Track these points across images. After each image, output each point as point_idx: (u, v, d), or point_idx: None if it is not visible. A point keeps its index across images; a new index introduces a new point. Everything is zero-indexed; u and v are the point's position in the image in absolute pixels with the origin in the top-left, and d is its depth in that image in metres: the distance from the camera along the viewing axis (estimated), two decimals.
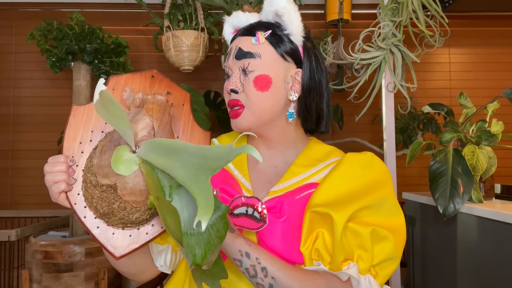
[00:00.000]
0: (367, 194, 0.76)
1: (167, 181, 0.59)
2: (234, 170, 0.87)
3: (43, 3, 2.73)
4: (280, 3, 0.82)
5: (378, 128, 2.64)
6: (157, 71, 0.76)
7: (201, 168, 0.52)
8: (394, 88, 1.78)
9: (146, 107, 0.68)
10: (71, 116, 0.71)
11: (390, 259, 0.75)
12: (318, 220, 0.76)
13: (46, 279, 1.94)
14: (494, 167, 1.51)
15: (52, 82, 2.77)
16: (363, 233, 0.73)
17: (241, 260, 0.70)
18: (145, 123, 0.66)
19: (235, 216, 0.78)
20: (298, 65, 0.84)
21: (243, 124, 0.81)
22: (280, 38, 0.83)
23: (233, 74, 0.83)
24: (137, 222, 0.67)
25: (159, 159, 0.59)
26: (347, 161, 0.80)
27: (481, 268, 1.40)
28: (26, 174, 2.70)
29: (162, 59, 2.48)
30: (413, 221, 1.92)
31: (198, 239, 0.56)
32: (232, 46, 0.85)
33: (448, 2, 2.46)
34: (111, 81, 0.74)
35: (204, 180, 0.52)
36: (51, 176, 0.67)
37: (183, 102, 0.76)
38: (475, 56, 2.93)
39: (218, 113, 2.51)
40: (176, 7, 2.19)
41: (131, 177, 0.63)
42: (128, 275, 0.88)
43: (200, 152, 0.53)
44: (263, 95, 0.81)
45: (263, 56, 0.81)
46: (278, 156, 0.87)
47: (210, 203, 0.50)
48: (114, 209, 0.65)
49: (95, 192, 0.66)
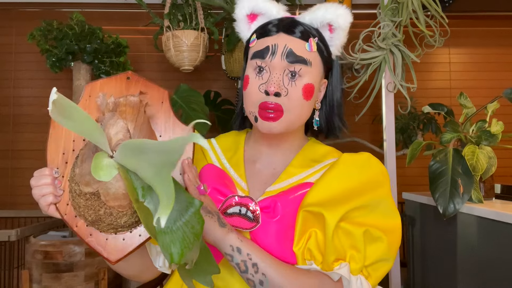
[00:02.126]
0: (361, 194, 0.76)
1: (139, 183, 0.59)
2: (231, 170, 0.86)
3: (43, 3, 2.73)
4: (344, 19, 0.82)
5: (378, 128, 2.64)
6: (132, 72, 0.74)
7: (163, 164, 0.51)
8: (394, 88, 1.78)
9: (119, 110, 0.67)
10: (51, 128, 0.70)
11: (383, 260, 0.74)
12: (311, 219, 0.75)
13: (46, 279, 1.94)
14: (494, 167, 1.51)
15: (52, 82, 2.77)
16: (356, 233, 0.72)
17: (232, 255, 0.70)
18: (119, 127, 0.65)
19: (228, 216, 0.78)
20: (324, 76, 0.86)
21: (278, 129, 0.79)
22: (325, 48, 0.83)
23: (275, 74, 0.78)
24: (127, 225, 0.67)
25: (130, 161, 0.59)
26: (343, 161, 0.80)
27: (481, 268, 1.40)
28: (26, 174, 2.70)
29: (162, 59, 2.48)
30: (413, 221, 1.92)
31: (173, 237, 0.55)
32: (276, 43, 0.79)
33: (448, 2, 2.46)
34: (87, 88, 0.73)
35: (166, 176, 0.51)
36: (37, 190, 0.67)
37: (161, 100, 0.74)
38: (475, 56, 2.93)
39: (218, 113, 2.50)
40: (176, 7, 2.19)
41: (113, 182, 0.63)
42: (128, 276, 0.88)
43: (163, 148, 0.52)
44: (305, 104, 0.80)
45: (313, 64, 0.80)
46: (278, 156, 0.87)
47: (171, 199, 0.49)
48: (101, 215, 0.65)
49: (80, 201, 0.66)
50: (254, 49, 0.82)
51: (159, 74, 2.78)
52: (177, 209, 0.57)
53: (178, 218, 0.56)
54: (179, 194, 0.57)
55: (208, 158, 0.89)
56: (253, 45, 0.84)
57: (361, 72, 1.81)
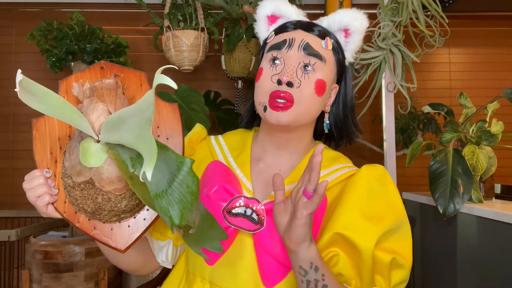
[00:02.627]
0: (387, 215, 0.76)
1: (127, 155, 0.58)
2: (237, 169, 0.85)
3: (43, 3, 2.73)
4: (361, 23, 0.83)
5: (378, 128, 2.64)
6: (105, 61, 0.74)
7: (141, 125, 0.51)
8: (394, 88, 1.78)
9: (97, 94, 0.66)
10: (34, 130, 0.70)
11: (402, 283, 0.77)
12: (340, 241, 0.74)
13: (46, 279, 1.94)
14: (494, 167, 1.51)
15: (52, 82, 2.76)
16: (385, 260, 0.73)
17: (307, 272, 0.68)
18: (100, 110, 0.64)
19: (232, 216, 0.77)
20: (336, 80, 0.87)
21: (286, 120, 0.78)
22: (340, 50, 0.85)
23: (289, 65, 0.79)
24: (128, 209, 0.66)
25: (113, 135, 0.58)
26: (366, 176, 0.78)
27: (481, 268, 1.40)
28: (26, 174, 2.69)
29: (162, 59, 2.48)
30: (413, 221, 1.92)
31: (169, 200, 0.54)
32: (294, 37, 0.81)
33: (448, 2, 2.46)
34: (62, 85, 0.71)
35: (145, 133, 0.50)
36: (31, 192, 0.67)
37: (140, 82, 0.73)
38: (475, 56, 2.93)
39: (218, 113, 2.50)
40: (176, 7, 2.19)
41: (104, 166, 0.62)
42: (129, 271, 0.88)
43: (136, 109, 0.51)
44: (316, 99, 0.80)
45: (327, 62, 0.81)
46: (284, 157, 0.86)
47: (153, 152, 0.49)
48: (99, 203, 0.64)
49: (76, 193, 0.65)
50: (271, 43, 0.84)
51: None
52: (169, 171, 0.55)
53: (172, 179, 0.55)
54: (167, 155, 0.56)
55: (215, 155, 0.89)
56: (270, 40, 0.85)
57: (361, 72, 1.81)
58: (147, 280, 1.91)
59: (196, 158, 0.90)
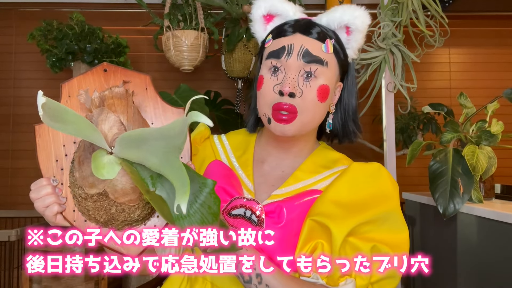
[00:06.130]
0: (370, 207, 0.75)
1: (147, 173, 0.57)
2: (239, 169, 0.85)
3: (43, 3, 2.73)
4: (362, 20, 0.80)
5: (378, 128, 2.64)
6: (107, 63, 0.71)
7: (168, 150, 0.50)
8: (394, 88, 1.78)
9: (107, 104, 0.65)
10: (37, 137, 0.67)
11: (390, 277, 0.74)
12: (318, 229, 0.74)
13: (46, 279, 1.94)
14: (494, 167, 1.51)
15: (52, 82, 2.76)
16: (363, 249, 0.72)
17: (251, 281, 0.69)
18: (112, 121, 0.62)
19: (232, 217, 0.77)
20: (340, 79, 0.85)
21: (292, 131, 0.77)
22: (341, 50, 0.82)
23: (290, 74, 0.77)
24: (140, 218, 0.66)
25: (132, 153, 0.57)
26: (353, 170, 0.78)
27: (481, 268, 1.40)
28: (26, 174, 2.70)
29: (162, 59, 2.48)
30: (413, 221, 1.92)
31: (191, 221, 0.54)
32: (292, 43, 0.78)
33: (448, 2, 2.46)
34: (64, 88, 0.69)
35: (174, 161, 0.50)
36: (40, 202, 0.65)
37: (145, 86, 0.71)
38: (475, 56, 2.93)
39: (218, 113, 2.50)
40: (176, 7, 2.19)
41: (118, 178, 0.61)
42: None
43: (163, 134, 0.51)
44: (319, 105, 0.78)
45: (329, 65, 0.79)
46: (288, 159, 0.86)
47: (186, 184, 0.49)
48: (113, 214, 0.63)
49: (88, 204, 0.64)
50: (270, 49, 0.81)
51: (159, 74, 2.77)
52: (192, 192, 0.55)
53: (194, 200, 0.55)
54: (190, 176, 0.56)
55: (217, 155, 0.88)
56: (268, 45, 0.82)
57: (361, 72, 1.81)
58: (147, 280, 1.91)
59: (199, 158, 0.89)
